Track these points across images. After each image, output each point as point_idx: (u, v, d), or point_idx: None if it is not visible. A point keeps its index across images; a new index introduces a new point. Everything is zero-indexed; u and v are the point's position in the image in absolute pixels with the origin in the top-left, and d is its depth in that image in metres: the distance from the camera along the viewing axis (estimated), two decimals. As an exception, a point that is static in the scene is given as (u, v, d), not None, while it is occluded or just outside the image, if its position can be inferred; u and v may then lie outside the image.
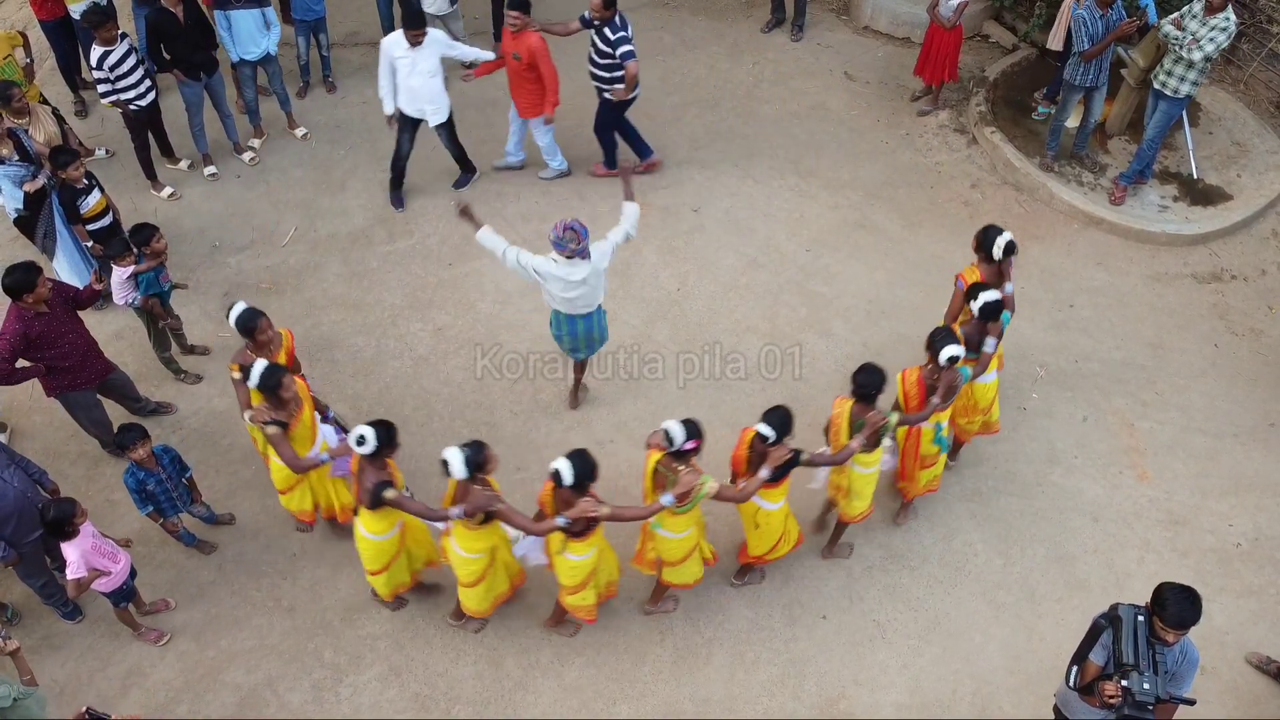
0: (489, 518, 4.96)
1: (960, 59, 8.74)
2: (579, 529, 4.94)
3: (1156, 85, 7.62)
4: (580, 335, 6.22)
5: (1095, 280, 7.74)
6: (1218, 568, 6.01)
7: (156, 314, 6.41)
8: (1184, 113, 8.03)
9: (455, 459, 4.72)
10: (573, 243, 5.70)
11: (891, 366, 6.98)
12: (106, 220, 6.84)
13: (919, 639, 5.67)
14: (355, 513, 5.16)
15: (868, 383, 5.26)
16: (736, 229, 8.00)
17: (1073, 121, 8.40)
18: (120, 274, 6.16)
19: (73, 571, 4.91)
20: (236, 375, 5.39)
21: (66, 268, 6.87)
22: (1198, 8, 7.31)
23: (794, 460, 5.08)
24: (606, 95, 7.85)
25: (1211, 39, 7.20)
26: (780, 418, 5.03)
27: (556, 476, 4.79)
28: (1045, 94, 8.99)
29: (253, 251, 7.84)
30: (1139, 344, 7.29)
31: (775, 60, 9.68)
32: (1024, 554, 6.05)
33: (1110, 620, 4.16)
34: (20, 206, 6.59)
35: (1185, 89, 7.48)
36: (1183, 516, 6.26)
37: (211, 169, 8.42)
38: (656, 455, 5.08)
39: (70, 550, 4.89)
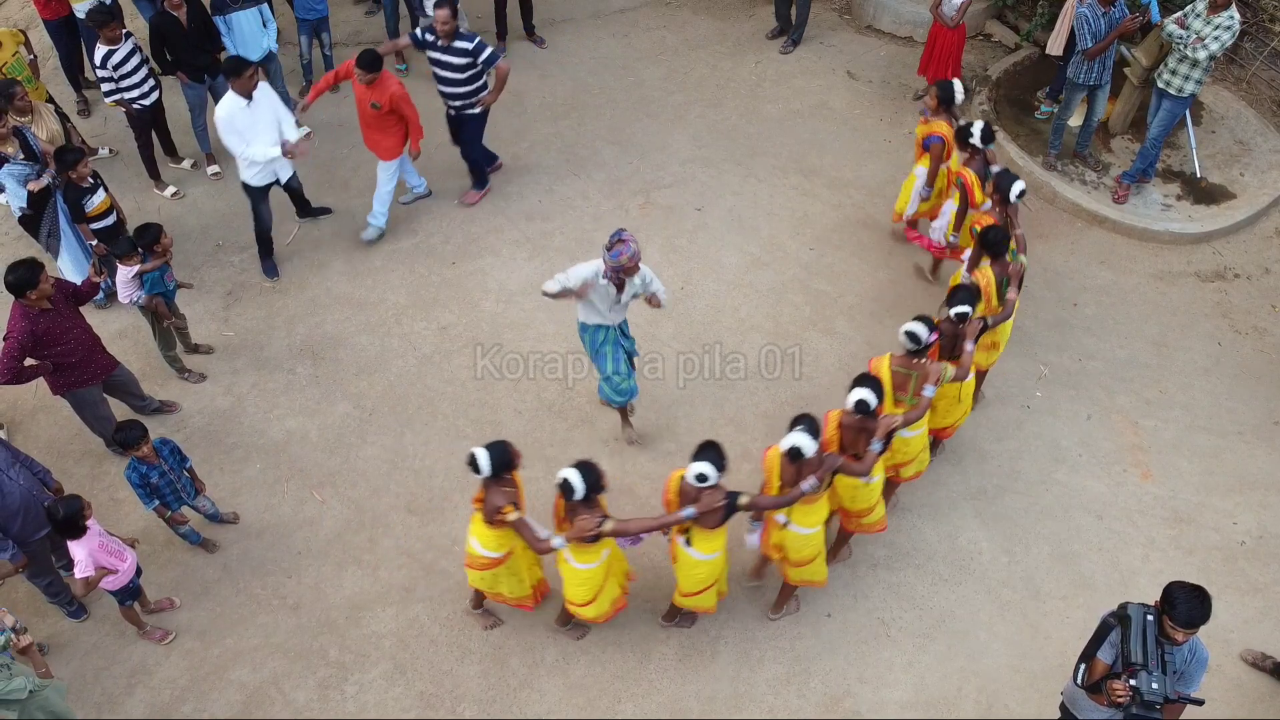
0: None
1: (963, 58, 8.74)
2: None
3: (1160, 84, 7.63)
4: (622, 348, 6.04)
5: (1099, 279, 7.74)
6: (1222, 565, 6.01)
7: (161, 313, 6.41)
8: (1187, 112, 8.03)
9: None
10: (618, 248, 5.48)
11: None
12: (110, 219, 6.84)
13: (924, 637, 5.67)
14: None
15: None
16: (740, 227, 8.00)
17: (1075, 120, 8.40)
18: (125, 273, 6.16)
19: (81, 570, 4.91)
20: (511, 517, 4.84)
21: (70, 266, 6.87)
22: (1201, 6, 7.31)
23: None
24: (472, 110, 7.57)
25: (1216, 38, 7.20)
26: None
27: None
28: (1047, 93, 8.99)
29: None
30: (1143, 342, 7.29)
31: (778, 60, 9.68)
32: (1028, 552, 6.06)
33: (1119, 619, 4.16)
34: (24, 205, 6.59)
35: (1189, 88, 7.48)
36: (1187, 514, 6.26)
37: (214, 168, 8.43)
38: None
39: (78, 549, 4.89)
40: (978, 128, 6.61)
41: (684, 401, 6.80)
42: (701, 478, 4.65)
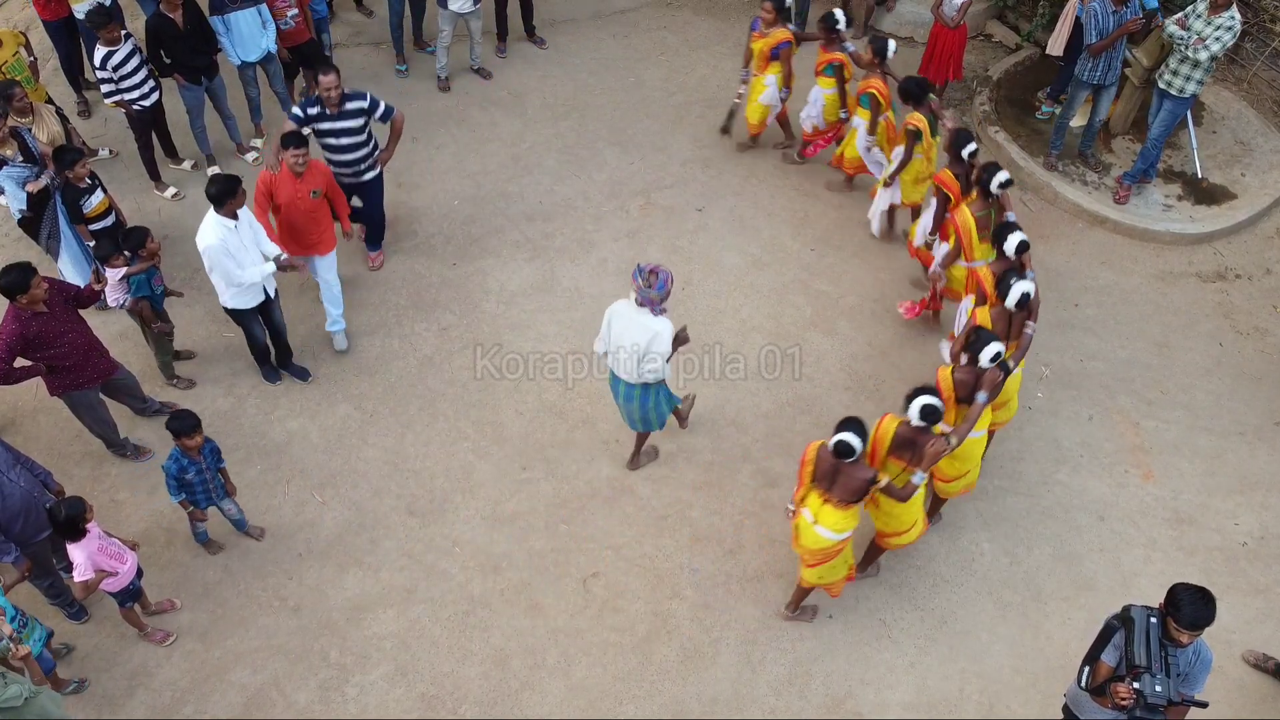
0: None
1: (964, 59, 8.74)
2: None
3: (1161, 85, 7.62)
4: (620, 401, 5.91)
5: (1100, 279, 7.74)
6: (1224, 566, 6.00)
7: (146, 317, 6.37)
8: (1188, 112, 8.03)
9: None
10: (644, 279, 5.26)
11: (898, 366, 7.01)
12: (109, 220, 6.83)
13: (925, 638, 5.67)
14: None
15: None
16: (740, 228, 8.00)
17: (1078, 121, 8.40)
18: (112, 275, 6.13)
19: (80, 573, 4.90)
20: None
21: (71, 268, 6.86)
22: (1202, 7, 7.30)
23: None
24: (372, 171, 7.08)
25: (1217, 38, 7.19)
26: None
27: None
28: (1049, 93, 8.99)
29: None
30: (1144, 343, 7.29)
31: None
32: (1030, 553, 6.05)
33: (1123, 621, 4.15)
34: (24, 207, 6.58)
35: (1190, 88, 7.47)
36: (1189, 515, 6.26)
37: (215, 169, 8.41)
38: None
39: (77, 552, 4.88)
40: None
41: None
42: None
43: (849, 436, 4.84)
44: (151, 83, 7.64)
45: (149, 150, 8.02)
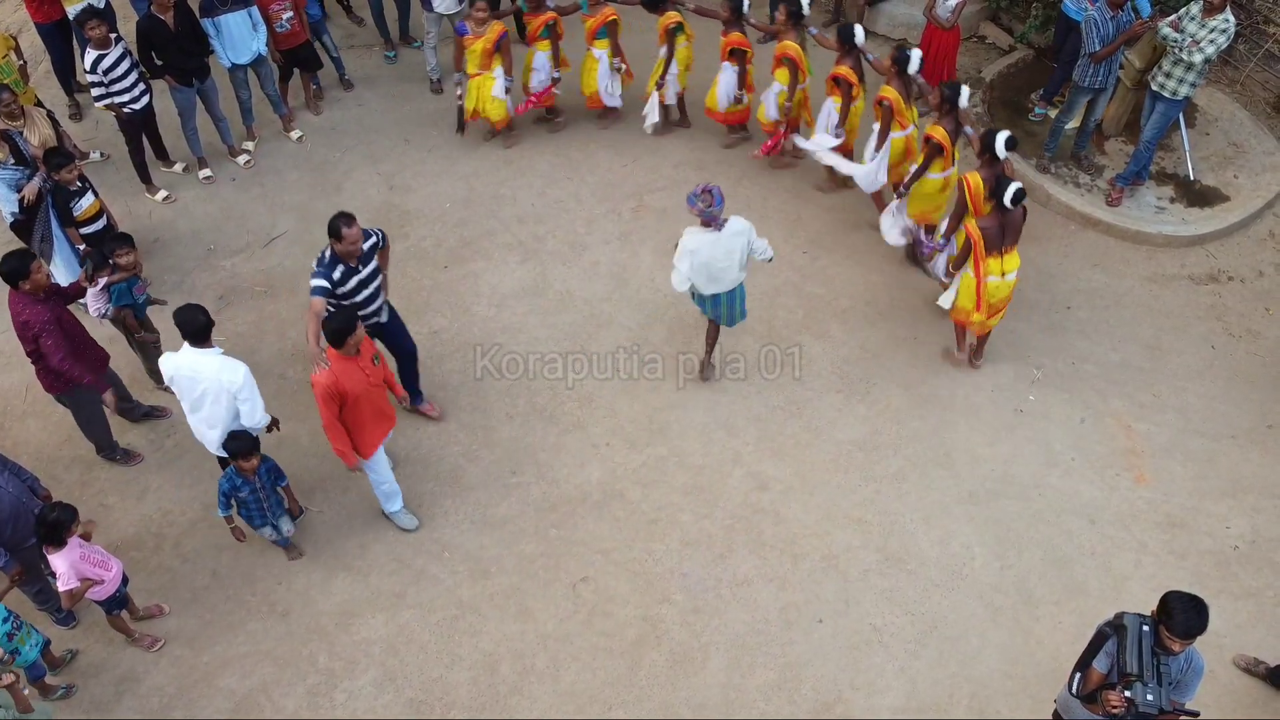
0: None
1: (958, 60, 8.72)
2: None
3: (1154, 87, 7.61)
4: (723, 309, 6.40)
5: (1092, 282, 7.73)
6: (1215, 570, 5.99)
7: (130, 326, 6.33)
8: (1181, 114, 8.02)
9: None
10: (702, 202, 5.83)
11: (890, 369, 6.99)
12: (100, 223, 6.82)
13: (915, 643, 5.65)
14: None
15: None
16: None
17: (1072, 123, 8.38)
18: (94, 286, 6.09)
19: (64, 583, 4.88)
20: None
21: (63, 271, 6.85)
22: (1196, 9, 7.29)
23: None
24: (387, 303, 6.25)
25: (1211, 40, 7.18)
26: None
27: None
28: (1042, 95, 8.98)
29: (247, 254, 7.82)
30: (1136, 345, 7.28)
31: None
32: (1021, 557, 6.03)
33: (1115, 628, 4.14)
34: (17, 210, 6.57)
35: (1183, 90, 7.46)
36: (1180, 519, 6.25)
37: (206, 172, 8.41)
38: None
39: (59, 561, 4.86)
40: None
41: (678, 405, 6.78)
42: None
43: (1018, 186, 6.05)
44: (142, 85, 7.63)
45: (140, 153, 8.01)
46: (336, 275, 5.71)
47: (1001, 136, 6.38)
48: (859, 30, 7.41)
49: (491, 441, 6.57)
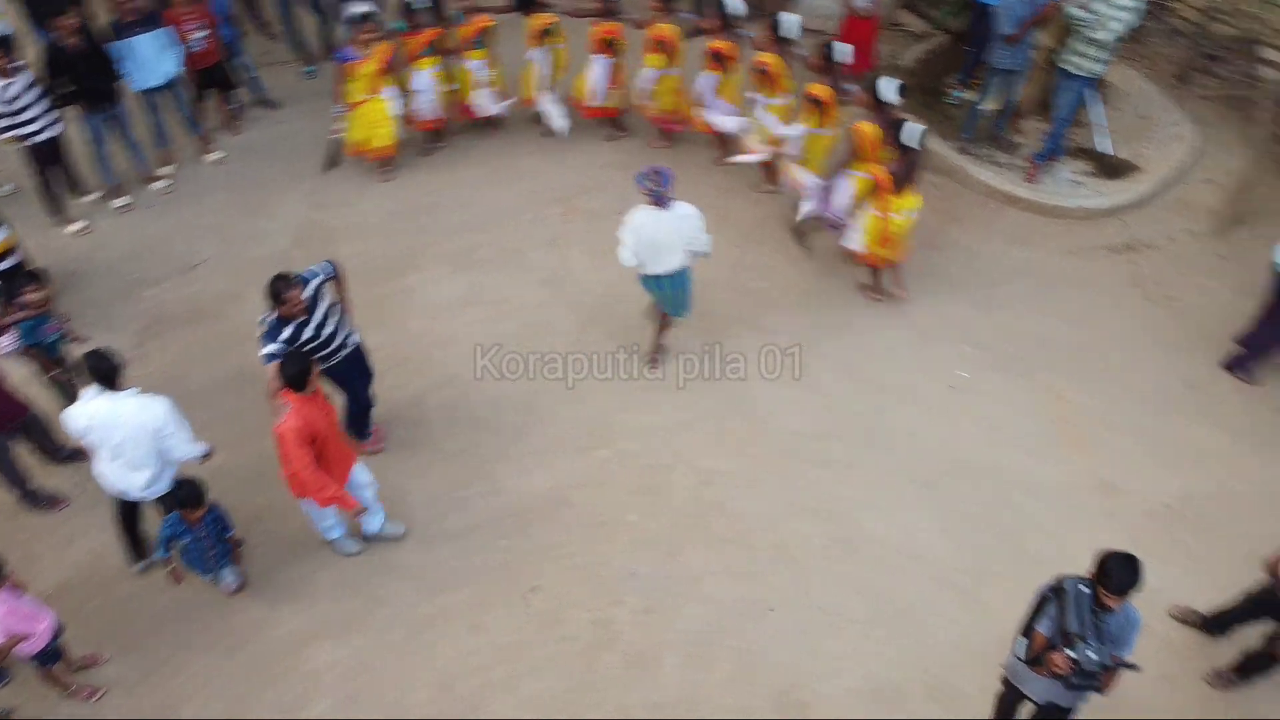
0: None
1: (877, 48, 8.85)
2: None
3: (1065, 65, 7.81)
4: (667, 293, 6.55)
5: (1016, 258, 7.91)
6: (1150, 529, 6.16)
7: (43, 365, 6.11)
8: (1092, 90, 8.24)
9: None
10: (651, 182, 6.04)
11: (826, 357, 7.06)
12: (12, 260, 6.59)
13: (869, 624, 5.71)
14: None
15: None
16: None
17: (989, 105, 8.55)
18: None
19: (-11, 639, 4.70)
20: None
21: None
22: (1102, -11, 7.49)
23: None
24: (353, 338, 6.10)
25: (1118, 18, 7.39)
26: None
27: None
28: (959, 78, 9.15)
29: (170, 284, 7.63)
30: (1061, 318, 7.46)
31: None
32: (966, 532, 6.14)
33: (1055, 592, 4.25)
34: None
35: (1092, 68, 7.67)
36: (1114, 482, 6.41)
37: (122, 200, 8.17)
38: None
39: (-13, 616, 4.69)
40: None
41: (621, 407, 6.77)
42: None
43: (914, 125, 6.56)
44: (51, 114, 7.39)
45: (50, 185, 7.76)
46: (287, 335, 5.55)
47: (888, 84, 6.83)
48: (792, 20, 7.57)
49: (434, 456, 6.49)
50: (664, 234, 6.22)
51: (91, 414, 5.13)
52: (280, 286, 5.43)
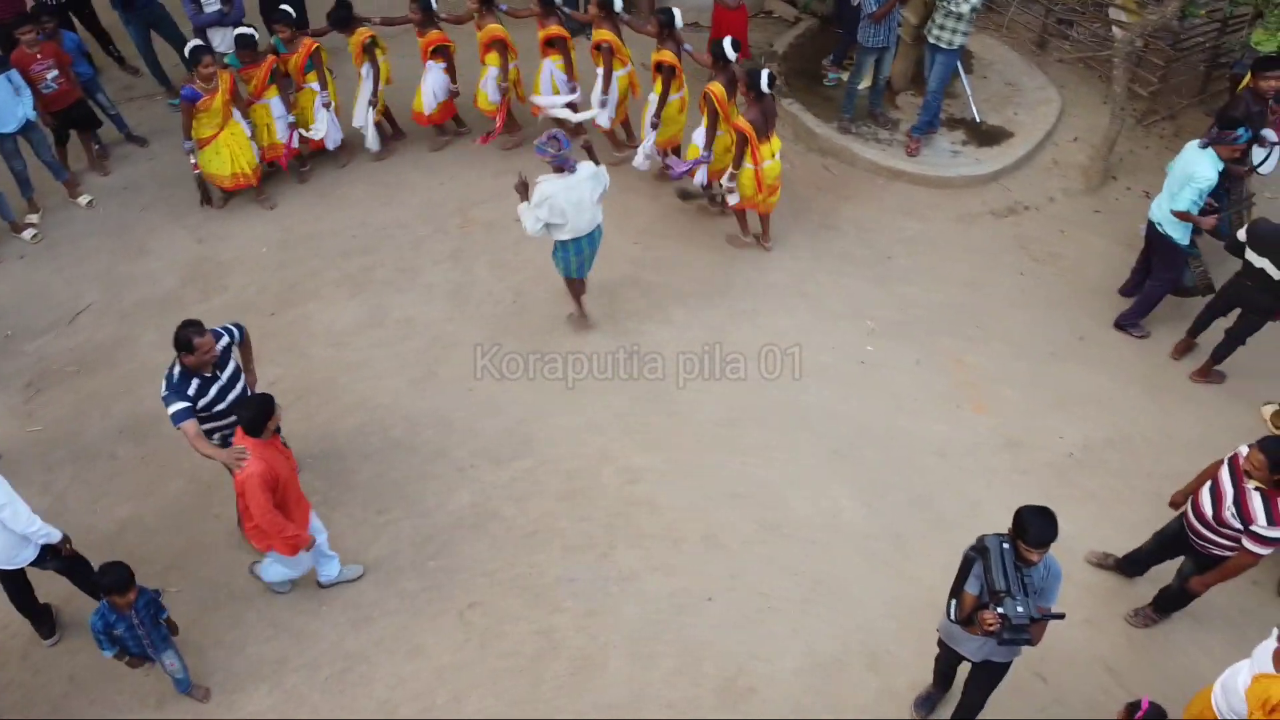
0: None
1: (749, 36, 9.00)
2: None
3: (931, 39, 8.09)
4: (585, 255, 6.76)
5: (907, 230, 8.16)
6: (1056, 480, 6.45)
7: None
8: (959, 62, 8.55)
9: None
10: (552, 148, 6.18)
11: (735, 343, 7.16)
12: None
13: (804, 602, 5.83)
14: None
15: None
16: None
17: (864, 84, 8.80)
18: None
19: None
20: None
21: None
22: (958, -37, 7.79)
23: None
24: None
25: None
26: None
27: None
28: (832, 60, 9.39)
29: (53, 335, 7.27)
30: (955, 284, 7.73)
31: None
32: (886, 501, 6.31)
33: (978, 552, 4.39)
34: None
35: (957, 40, 7.96)
36: (1019, 438, 6.69)
37: (-12, 252, 7.75)
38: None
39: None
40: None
41: (540, 413, 6.74)
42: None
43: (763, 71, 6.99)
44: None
45: (-95, 245, 7.31)
46: (193, 390, 5.19)
47: (726, 42, 7.17)
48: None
49: (352, 484, 6.36)
50: (578, 195, 6.36)
51: None
52: (190, 333, 5.07)
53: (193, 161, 7.89)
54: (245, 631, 5.67)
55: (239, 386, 5.44)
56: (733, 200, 7.53)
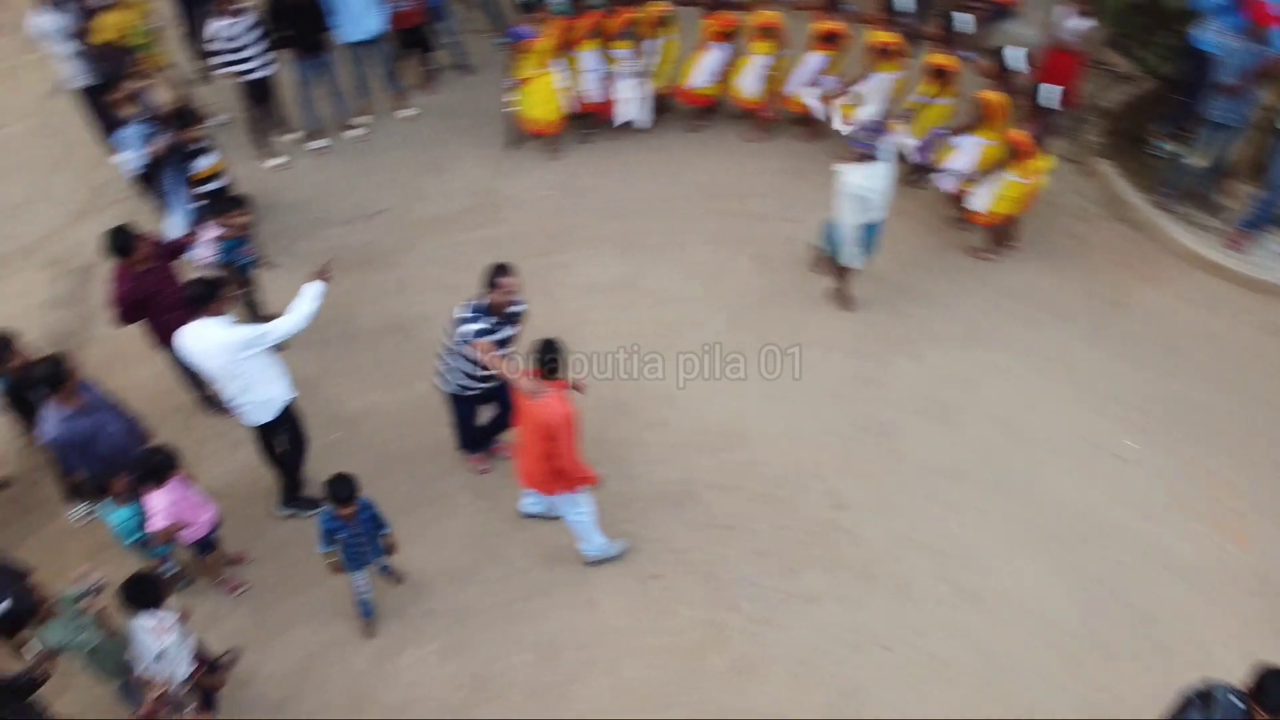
0: None
1: (1079, 86, 8.45)
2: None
3: (1281, 129, 7.28)
4: (874, 240, 6.99)
5: (1205, 328, 7.41)
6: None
7: (229, 281, 6.50)
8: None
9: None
10: (865, 136, 6.51)
11: (984, 401, 6.81)
12: (218, 183, 7.07)
13: (982, 681, 5.45)
14: None
15: None
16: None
17: (1198, 160, 8.03)
18: (206, 234, 6.30)
19: (156, 522, 5.06)
20: None
21: (177, 225, 7.11)
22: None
23: None
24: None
25: None
26: None
27: None
28: (1166, 128, 8.64)
29: (351, 226, 8.02)
30: (1245, 396, 6.94)
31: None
32: (1103, 607, 5.77)
33: (1202, 697, 3.97)
34: (143, 164, 6.84)
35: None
36: (1274, 582, 5.94)
37: (319, 143, 8.65)
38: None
39: (157, 499, 5.05)
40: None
41: (759, 411, 6.71)
42: None
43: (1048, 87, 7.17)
44: (266, 56, 7.88)
45: (258, 120, 8.29)
46: (484, 325, 5.48)
47: (1013, 52, 7.20)
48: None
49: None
50: (880, 184, 6.61)
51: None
52: (500, 271, 5.39)
53: (508, 99, 8.38)
54: (444, 535, 6.06)
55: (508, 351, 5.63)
56: (976, 204, 7.41)
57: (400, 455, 6.45)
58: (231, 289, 6.54)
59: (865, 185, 6.58)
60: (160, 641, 4.66)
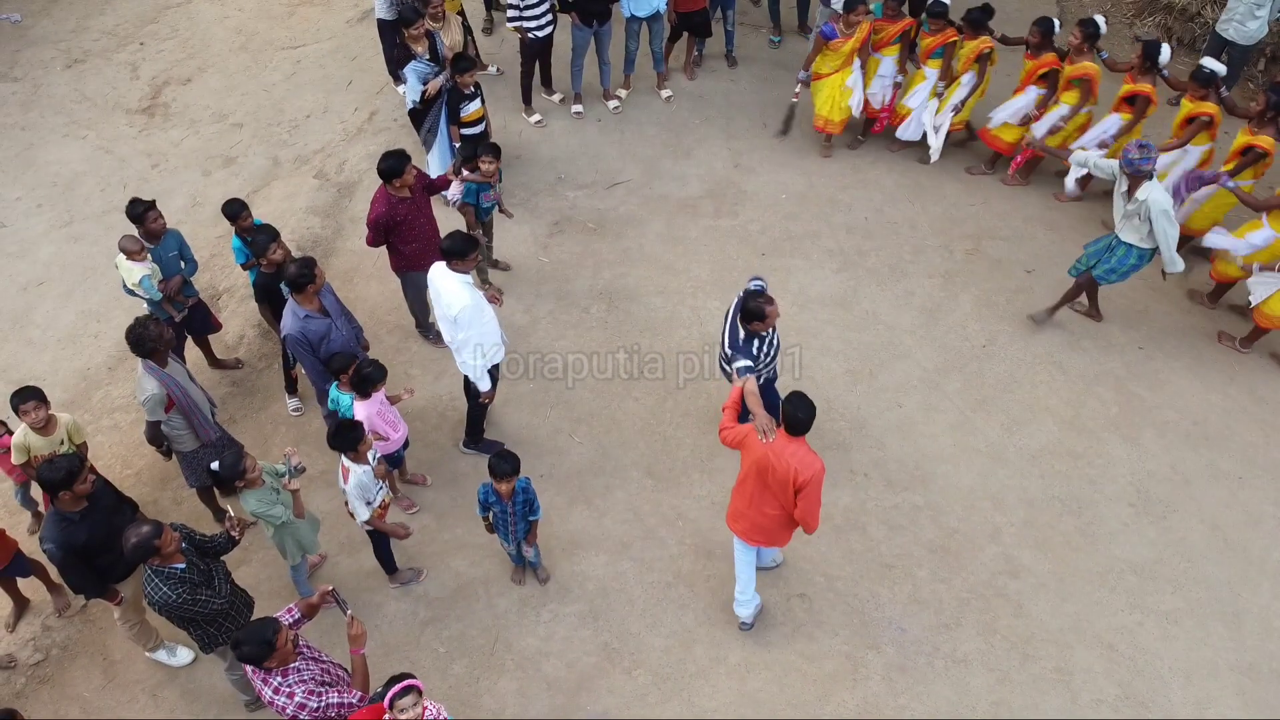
0: None
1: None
2: None
3: None
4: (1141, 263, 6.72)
5: None
6: None
7: (469, 223, 6.85)
8: None
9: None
10: (1139, 155, 6.26)
11: (1197, 502, 6.24)
12: (479, 128, 7.52)
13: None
14: None
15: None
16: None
17: None
18: (460, 176, 6.72)
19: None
20: None
21: (436, 162, 7.64)
22: None
23: None
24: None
25: None
26: None
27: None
28: None
29: (589, 192, 8.32)
30: None
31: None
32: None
33: None
34: (418, 100, 7.38)
35: None
36: None
37: (578, 107, 9.00)
38: None
39: (360, 409, 5.46)
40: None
41: (951, 459, 6.45)
42: None
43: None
44: (550, 16, 8.27)
45: (529, 76, 8.72)
46: (754, 351, 5.50)
47: None
48: (1165, 50, 7.35)
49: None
50: (1154, 192, 6.35)
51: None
52: (762, 302, 5.29)
53: (797, 90, 8.46)
54: (609, 504, 6.23)
55: (772, 335, 5.62)
56: (1257, 298, 6.81)
57: (587, 417, 6.66)
58: (479, 252, 6.98)
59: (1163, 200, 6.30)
60: (377, 484, 5.15)
